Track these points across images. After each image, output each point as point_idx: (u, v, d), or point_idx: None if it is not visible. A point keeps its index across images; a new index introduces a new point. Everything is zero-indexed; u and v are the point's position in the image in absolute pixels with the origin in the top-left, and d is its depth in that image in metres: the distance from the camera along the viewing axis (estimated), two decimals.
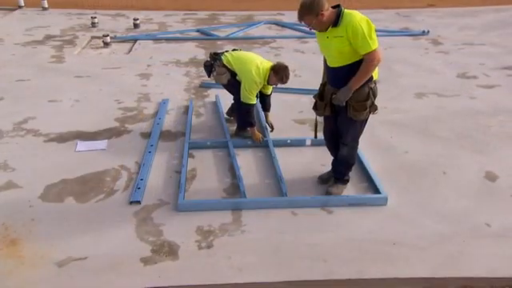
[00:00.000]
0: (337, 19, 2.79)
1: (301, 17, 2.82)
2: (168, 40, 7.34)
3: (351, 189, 3.56)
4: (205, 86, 5.49)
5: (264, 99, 4.37)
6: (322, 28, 2.88)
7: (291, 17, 8.35)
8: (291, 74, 4.09)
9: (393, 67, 6.20)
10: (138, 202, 3.32)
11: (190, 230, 3.08)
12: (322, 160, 3.92)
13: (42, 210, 3.27)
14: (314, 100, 3.31)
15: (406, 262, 2.84)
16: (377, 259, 2.86)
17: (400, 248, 2.96)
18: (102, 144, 4.15)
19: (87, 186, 3.53)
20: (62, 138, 4.24)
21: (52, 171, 3.70)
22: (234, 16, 8.71)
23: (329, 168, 3.64)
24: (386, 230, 3.12)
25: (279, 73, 3.95)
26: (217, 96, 5.09)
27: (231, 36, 7.53)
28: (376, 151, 4.09)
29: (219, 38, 7.38)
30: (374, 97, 3.07)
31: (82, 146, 4.12)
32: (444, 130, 4.50)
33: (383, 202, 3.37)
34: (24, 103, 4.94)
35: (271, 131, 4.36)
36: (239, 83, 4.07)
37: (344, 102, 3.01)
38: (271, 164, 3.84)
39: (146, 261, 2.82)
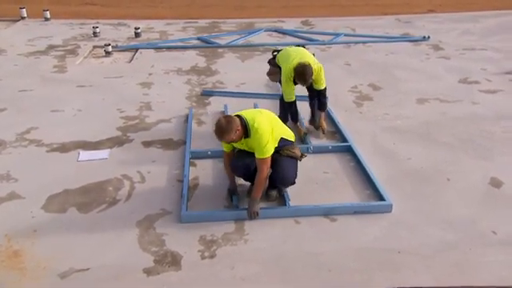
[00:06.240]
0: (246, 132, 3.14)
1: (221, 137, 3.09)
2: (169, 48, 7.36)
3: (355, 196, 3.54)
4: (206, 94, 5.49)
5: (316, 95, 4.32)
6: (240, 140, 3.18)
7: (292, 24, 8.37)
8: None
9: (394, 73, 6.19)
10: None
11: (193, 240, 3.07)
12: (324, 168, 3.91)
13: (44, 220, 3.26)
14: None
15: (411, 271, 2.82)
16: (382, 268, 2.84)
17: (405, 256, 2.93)
18: (104, 153, 4.15)
19: (89, 196, 3.52)
20: (65, 148, 4.24)
21: (54, 181, 3.69)
22: (234, 24, 8.73)
23: (332, 175, 3.60)
24: (391, 238, 3.10)
25: (296, 78, 4.02)
26: (225, 106, 5.01)
27: (232, 44, 7.55)
28: (379, 158, 4.07)
29: (220, 46, 7.40)
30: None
31: (84, 155, 4.12)
32: (447, 136, 4.48)
33: (388, 209, 3.35)
34: (27, 113, 4.95)
35: (323, 133, 4.36)
36: None
37: (257, 211, 3.24)
38: None
39: (148, 271, 2.80)
